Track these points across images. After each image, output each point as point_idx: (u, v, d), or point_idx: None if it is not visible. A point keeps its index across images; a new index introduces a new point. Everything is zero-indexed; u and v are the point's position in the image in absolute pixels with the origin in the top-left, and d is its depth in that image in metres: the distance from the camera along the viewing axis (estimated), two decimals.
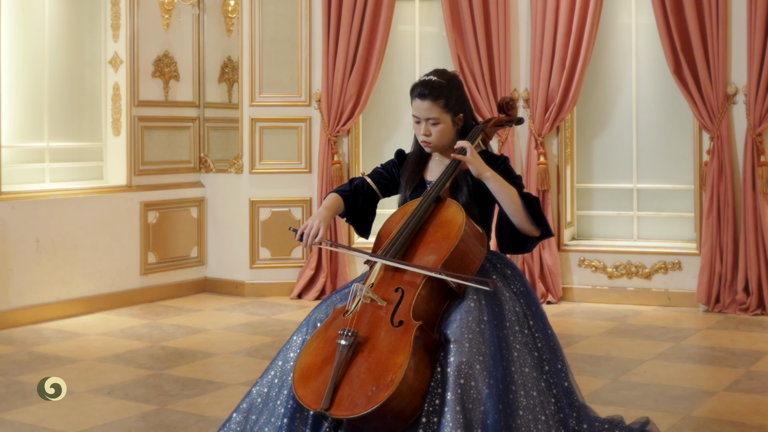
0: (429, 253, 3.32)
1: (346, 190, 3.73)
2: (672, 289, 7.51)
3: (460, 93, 3.61)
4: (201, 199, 8.30)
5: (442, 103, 3.54)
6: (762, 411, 4.75)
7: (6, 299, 6.79)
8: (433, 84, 3.55)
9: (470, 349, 3.15)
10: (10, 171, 7.12)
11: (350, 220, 3.78)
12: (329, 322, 3.33)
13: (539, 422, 3.21)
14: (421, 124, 3.57)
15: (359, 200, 3.74)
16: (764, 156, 7.12)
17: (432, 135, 3.56)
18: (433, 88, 3.54)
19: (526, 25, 7.74)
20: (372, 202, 3.77)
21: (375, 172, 3.78)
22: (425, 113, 3.54)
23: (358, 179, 3.77)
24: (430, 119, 3.55)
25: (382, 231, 3.52)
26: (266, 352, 6.04)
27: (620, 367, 5.62)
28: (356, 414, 3.02)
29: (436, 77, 3.58)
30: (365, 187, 3.74)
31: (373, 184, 3.75)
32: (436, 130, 3.56)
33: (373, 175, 3.77)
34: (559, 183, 7.73)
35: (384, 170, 3.77)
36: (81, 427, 4.57)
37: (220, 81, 8.41)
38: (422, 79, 3.60)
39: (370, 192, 3.75)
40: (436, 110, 3.54)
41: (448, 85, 3.57)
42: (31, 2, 7.41)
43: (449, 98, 3.55)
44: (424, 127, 3.56)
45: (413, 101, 3.57)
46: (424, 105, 3.54)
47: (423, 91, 3.54)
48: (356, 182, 3.76)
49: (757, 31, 7.04)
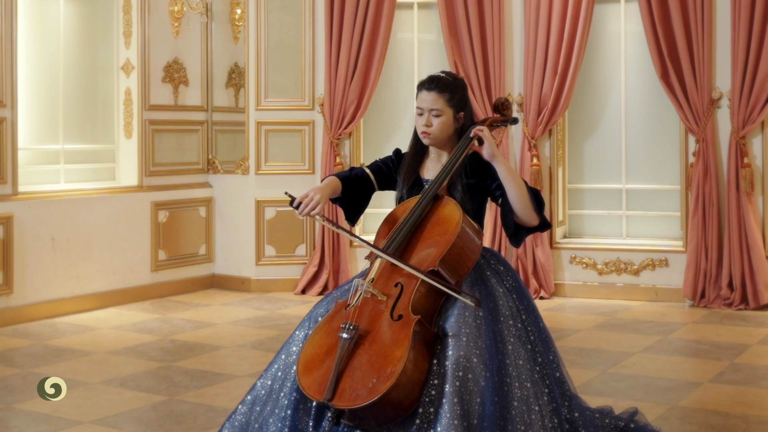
0: (428, 249, 3.31)
1: (345, 176, 3.72)
2: (659, 285, 7.50)
3: (464, 93, 3.62)
4: (209, 199, 8.29)
5: (447, 96, 3.55)
6: (745, 401, 4.74)
7: (22, 295, 6.78)
8: (440, 78, 3.58)
9: (467, 343, 3.15)
10: (26, 172, 7.11)
11: (342, 204, 3.74)
12: (332, 315, 3.32)
13: (533, 412, 3.21)
14: (424, 115, 3.56)
15: (357, 187, 3.72)
16: (747, 158, 7.11)
17: (433, 126, 3.54)
18: (441, 82, 3.56)
19: (519, 32, 7.73)
20: (367, 192, 3.76)
21: (374, 165, 3.77)
22: (429, 104, 3.54)
23: (358, 169, 3.76)
24: (433, 110, 3.54)
25: (382, 226, 3.50)
26: (271, 345, 6.03)
27: (610, 360, 5.61)
28: (357, 404, 3.02)
29: (444, 75, 3.61)
30: (364, 176, 3.73)
31: (371, 175, 3.73)
32: (437, 121, 3.54)
33: (372, 167, 3.76)
34: (551, 183, 7.72)
35: (383, 165, 3.76)
36: (94, 416, 4.56)
37: (228, 86, 8.40)
38: (431, 75, 3.62)
39: (368, 182, 3.73)
40: (441, 102, 3.54)
41: (455, 83, 3.59)
42: (47, 11, 7.41)
43: (454, 94, 3.56)
44: (426, 118, 3.55)
45: (419, 93, 3.58)
46: (430, 96, 3.54)
47: (431, 84, 3.56)
48: (356, 171, 3.74)
49: (741, 39, 7.04)
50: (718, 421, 4.41)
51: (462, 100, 3.59)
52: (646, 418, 3.94)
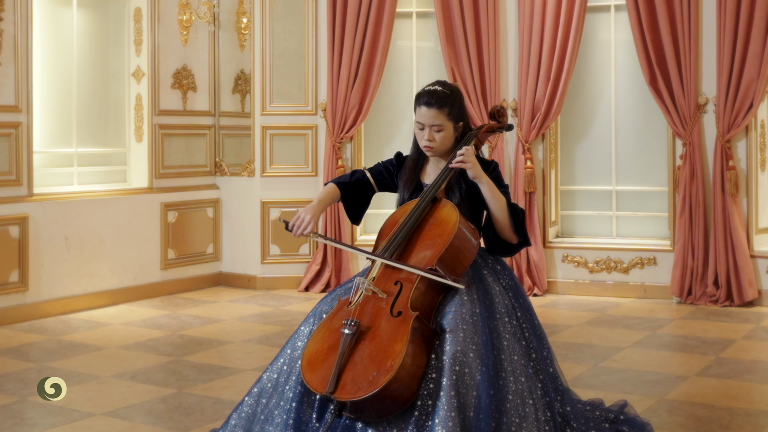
0: (426, 249, 3.31)
1: (345, 182, 3.73)
2: (648, 283, 7.50)
3: (461, 104, 3.58)
4: (216, 200, 8.29)
5: (447, 111, 3.51)
6: (730, 394, 4.74)
7: (38, 292, 6.78)
8: (438, 94, 3.51)
9: (464, 338, 3.15)
10: (41, 174, 7.11)
11: (345, 207, 3.78)
12: (334, 312, 3.33)
13: (527, 405, 3.21)
14: (425, 130, 3.53)
15: (357, 192, 3.74)
16: (732, 161, 7.11)
17: (435, 140, 3.53)
18: (439, 98, 3.51)
19: (514, 40, 7.73)
20: (368, 195, 3.78)
21: (375, 168, 3.77)
22: (430, 120, 3.51)
23: (360, 172, 3.77)
24: (434, 126, 3.51)
25: (383, 228, 3.50)
26: (276, 340, 6.03)
27: (600, 354, 5.61)
28: (359, 397, 3.02)
29: (441, 87, 3.54)
30: (364, 181, 3.74)
31: (371, 179, 3.74)
32: (439, 136, 3.53)
33: (373, 170, 3.76)
34: (544, 185, 7.72)
35: (384, 168, 3.76)
36: (106, 408, 4.56)
37: (234, 92, 8.40)
38: (428, 88, 3.55)
39: (368, 185, 3.75)
40: (441, 118, 3.50)
41: (452, 96, 3.54)
42: (61, 21, 7.41)
43: (452, 107, 3.52)
44: (428, 133, 3.52)
45: (418, 108, 3.53)
46: (431, 113, 3.50)
47: (430, 100, 3.50)
48: (357, 175, 3.76)
49: (726, 47, 7.04)
50: (704, 413, 4.41)
51: (460, 111, 3.56)
52: (635, 410, 3.95)
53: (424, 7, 8.17)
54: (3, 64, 6.61)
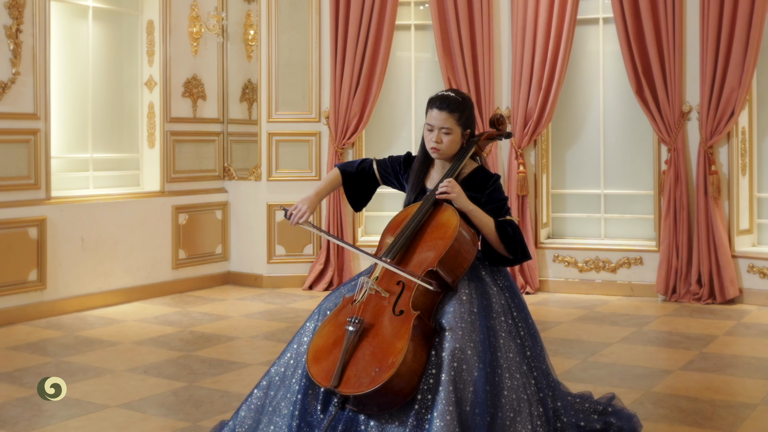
0: (428, 251, 3.31)
1: (350, 170, 3.73)
2: (634, 282, 7.51)
3: (471, 112, 3.55)
4: (225, 203, 8.29)
5: (457, 116, 3.48)
6: (713, 387, 4.75)
7: (55, 290, 6.79)
8: (451, 99, 3.49)
9: (463, 336, 3.15)
10: (58, 178, 7.12)
11: (347, 195, 3.78)
12: (339, 309, 3.33)
13: (522, 401, 3.21)
14: (434, 131, 3.49)
15: (361, 182, 3.74)
16: (715, 165, 7.12)
17: (443, 143, 3.49)
18: (451, 102, 3.48)
19: (507, 51, 7.74)
20: (372, 186, 3.77)
21: (382, 162, 3.74)
22: (441, 122, 3.47)
23: (367, 162, 3.75)
24: (443, 128, 3.47)
25: (386, 230, 3.49)
26: (282, 336, 6.04)
27: (589, 349, 5.62)
28: (361, 391, 3.02)
29: (454, 94, 3.52)
30: (370, 172, 3.74)
31: (377, 172, 3.73)
32: (447, 139, 3.49)
33: (380, 163, 3.74)
34: (536, 189, 7.73)
35: (390, 165, 3.73)
36: (120, 401, 4.57)
37: (242, 100, 8.41)
38: (442, 93, 3.53)
39: (373, 177, 3.74)
40: (451, 121, 3.47)
41: (464, 103, 3.51)
42: (77, 32, 7.41)
43: (463, 113, 3.50)
44: (437, 135, 3.48)
45: (430, 111, 3.50)
46: (442, 115, 3.47)
47: (442, 103, 3.48)
48: (364, 165, 3.75)
49: (709, 58, 7.05)
50: (688, 405, 4.42)
51: (469, 118, 3.53)
52: (622, 402, 3.95)
53: (422, 20, 8.18)
54: (22, 74, 6.61)
